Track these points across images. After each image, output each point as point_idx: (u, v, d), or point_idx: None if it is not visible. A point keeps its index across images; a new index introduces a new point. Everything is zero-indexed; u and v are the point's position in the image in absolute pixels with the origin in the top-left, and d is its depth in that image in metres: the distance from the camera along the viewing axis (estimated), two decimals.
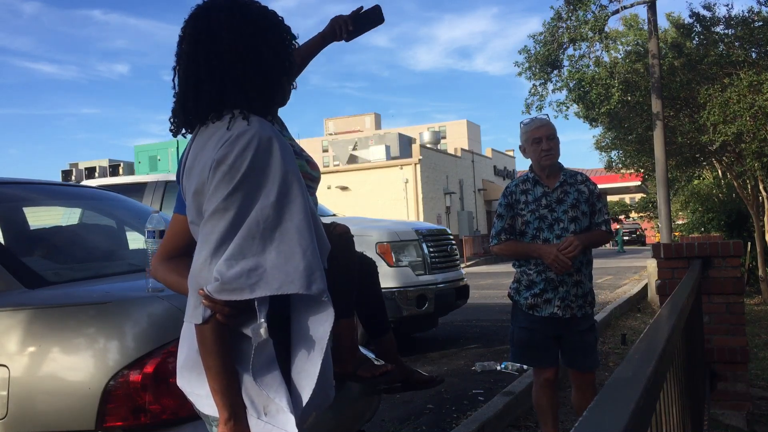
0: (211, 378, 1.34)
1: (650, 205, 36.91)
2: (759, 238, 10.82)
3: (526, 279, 3.20)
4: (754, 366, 5.19)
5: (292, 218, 1.33)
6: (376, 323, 2.55)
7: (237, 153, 1.31)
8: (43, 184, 3.08)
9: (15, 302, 1.89)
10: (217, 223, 1.31)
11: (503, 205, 3.24)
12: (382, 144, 31.43)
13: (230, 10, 1.43)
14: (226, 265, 1.29)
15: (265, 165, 1.33)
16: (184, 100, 1.45)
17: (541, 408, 3.25)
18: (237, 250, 1.29)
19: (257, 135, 1.34)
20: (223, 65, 1.41)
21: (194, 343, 1.44)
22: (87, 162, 22.42)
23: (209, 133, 1.42)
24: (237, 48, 1.41)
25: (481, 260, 26.08)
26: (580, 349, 3.18)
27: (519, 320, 3.25)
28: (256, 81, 1.43)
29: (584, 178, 3.25)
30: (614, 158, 15.30)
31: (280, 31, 1.48)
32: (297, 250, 1.32)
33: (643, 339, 1.34)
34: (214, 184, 1.32)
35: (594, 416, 0.77)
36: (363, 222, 7.08)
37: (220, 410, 1.35)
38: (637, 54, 12.99)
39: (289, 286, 1.31)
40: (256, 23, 1.44)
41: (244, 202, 1.31)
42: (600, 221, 3.19)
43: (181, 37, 1.47)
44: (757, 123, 9.69)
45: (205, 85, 1.41)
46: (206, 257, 1.31)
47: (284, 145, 1.37)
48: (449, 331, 7.85)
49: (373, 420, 3.53)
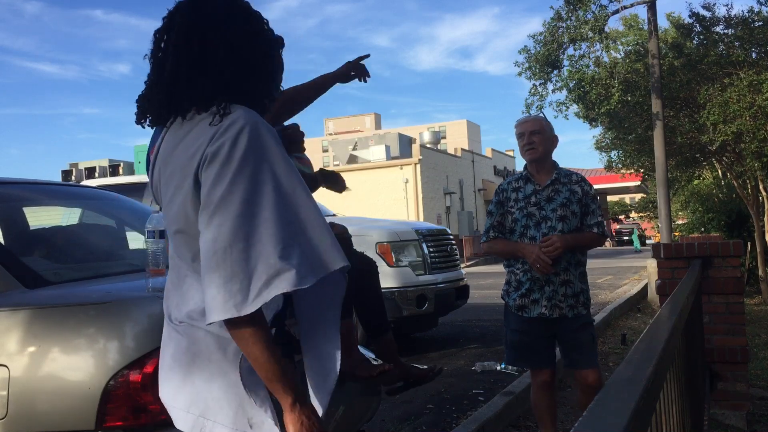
0: (261, 368, 1.29)
1: (650, 205, 36.92)
2: (759, 238, 10.81)
3: (514, 279, 3.20)
4: (754, 366, 5.19)
5: (303, 198, 1.34)
6: (376, 323, 2.55)
7: (230, 143, 1.30)
8: (43, 184, 3.08)
9: (15, 302, 1.89)
10: (228, 211, 1.27)
11: (494, 203, 3.26)
12: (382, 144, 31.45)
13: (225, 4, 1.43)
14: (284, 253, 1.25)
15: (260, 150, 1.32)
16: (172, 89, 1.42)
17: (539, 410, 3.25)
18: (284, 237, 1.27)
19: (247, 122, 1.34)
20: (216, 59, 1.39)
21: (177, 352, 1.42)
22: (87, 162, 22.43)
23: (189, 126, 1.40)
24: (231, 42, 1.40)
25: (481, 260, 26.07)
26: (576, 347, 3.15)
27: (510, 322, 3.25)
28: (247, 76, 1.43)
29: (579, 178, 3.23)
30: (614, 158, 15.28)
31: (268, 31, 1.49)
32: (324, 229, 1.33)
33: (643, 339, 1.34)
34: (212, 176, 1.30)
35: (594, 416, 0.77)
36: (363, 222, 7.07)
37: (283, 397, 1.30)
38: (637, 54, 12.98)
39: (330, 265, 1.31)
40: (248, 21, 1.45)
41: (250, 188, 1.29)
42: (592, 223, 3.16)
43: (165, 27, 1.45)
44: (756, 123, 9.69)
45: (199, 77, 1.39)
46: (226, 246, 1.26)
47: (270, 129, 1.37)
48: (449, 331, 7.85)
49: (373, 420, 3.53)
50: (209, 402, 1.38)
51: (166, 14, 1.47)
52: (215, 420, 1.37)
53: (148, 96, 1.46)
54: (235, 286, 1.24)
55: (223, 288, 1.24)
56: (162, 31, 1.45)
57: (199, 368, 1.40)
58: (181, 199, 1.38)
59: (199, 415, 1.39)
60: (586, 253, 3.27)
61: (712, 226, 12.28)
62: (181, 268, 1.45)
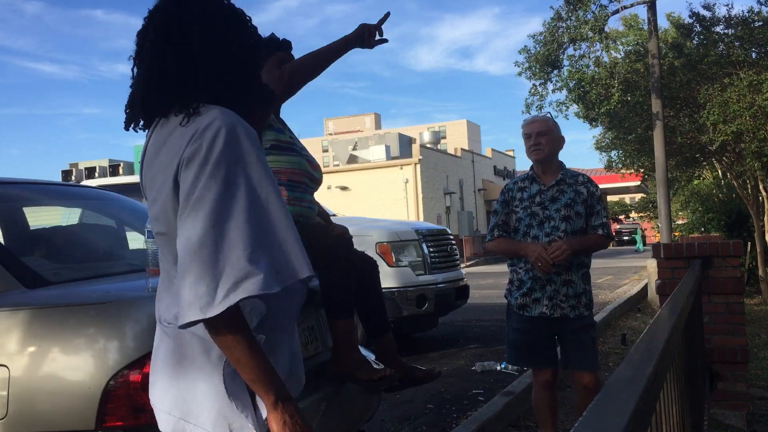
0: (244, 370, 1.28)
1: (650, 205, 36.88)
2: (759, 238, 10.82)
3: (516, 278, 3.22)
4: (754, 366, 5.19)
5: (275, 204, 1.32)
6: (376, 323, 2.55)
7: (207, 145, 1.29)
8: (43, 184, 3.08)
9: (15, 302, 1.89)
10: (200, 212, 1.26)
11: (500, 202, 3.29)
12: (382, 144, 31.46)
13: (205, 2, 1.42)
14: (253, 257, 1.24)
15: (236, 153, 1.31)
16: (148, 90, 1.40)
17: (540, 410, 3.25)
18: (254, 242, 1.26)
19: (223, 124, 1.32)
20: (192, 57, 1.38)
21: (165, 353, 1.42)
22: (87, 162, 22.43)
23: (171, 127, 1.39)
24: (207, 40, 1.39)
25: (481, 260, 26.07)
26: (575, 349, 3.15)
27: (512, 321, 3.26)
28: (224, 74, 1.41)
29: (585, 179, 3.24)
30: (614, 158, 15.28)
31: (248, 28, 1.47)
32: (294, 237, 1.32)
33: (643, 339, 1.34)
34: (190, 178, 1.29)
35: (594, 416, 0.77)
36: (363, 222, 7.08)
37: (265, 396, 1.29)
38: (637, 54, 12.98)
39: (297, 273, 1.30)
40: (227, 18, 1.43)
41: (223, 190, 1.27)
42: (597, 224, 3.15)
43: (145, 27, 1.44)
44: (756, 123, 9.69)
45: (172, 76, 1.38)
46: (196, 248, 1.25)
47: (249, 130, 1.35)
48: (449, 331, 7.85)
49: (373, 420, 3.53)
50: (191, 405, 1.38)
51: (146, 14, 1.45)
52: (195, 423, 1.37)
53: (131, 98, 1.45)
54: (202, 288, 1.22)
55: (192, 289, 1.23)
56: (142, 31, 1.44)
57: (183, 371, 1.39)
58: (162, 200, 1.37)
59: (180, 417, 1.39)
60: (591, 255, 3.27)
61: (712, 226, 12.28)
62: (169, 271, 1.44)
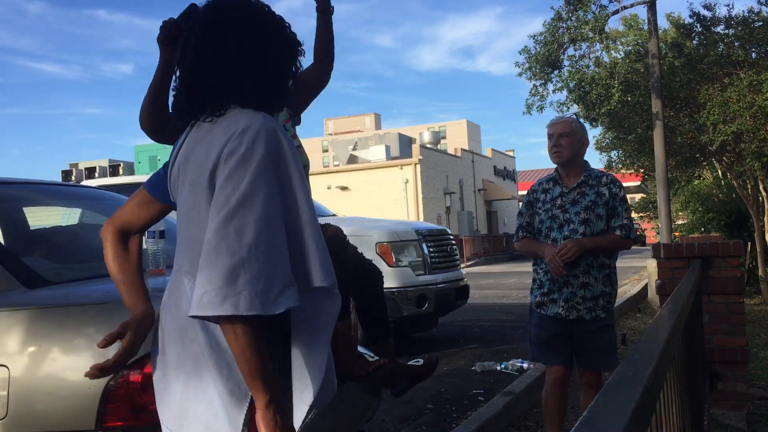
0: (246, 362, 1.30)
1: (650, 205, 36.88)
2: (759, 238, 10.82)
3: (537, 279, 3.26)
4: (754, 366, 5.19)
5: (307, 209, 1.40)
6: (377, 328, 2.57)
7: (248, 144, 1.33)
8: (43, 184, 3.08)
9: (15, 302, 1.89)
10: (250, 211, 1.29)
11: (524, 203, 3.33)
12: (382, 144, 31.44)
13: (241, 9, 1.46)
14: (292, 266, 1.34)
15: (278, 155, 1.36)
16: (189, 101, 1.46)
17: (548, 409, 3.25)
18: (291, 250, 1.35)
19: (264, 126, 1.36)
20: (230, 63, 1.43)
21: (170, 358, 1.44)
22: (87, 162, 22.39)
23: (208, 127, 1.43)
24: (245, 47, 1.43)
25: (481, 260, 26.08)
26: (590, 350, 3.16)
27: (532, 318, 3.29)
28: (261, 81, 1.45)
29: (609, 179, 3.16)
30: (614, 158, 15.28)
31: (287, 36, 1.51)
32: (321, 242, 1.40)
33: (643, 339, 1.34)
34: (225, 174, 1.32)
35: (594, 416, 0.77)
36: (363, 222, 7.08)
37: (260, 395, 1.31)
38: (637, 54, 12.98)
39: (327, 277, 1.40)
40: (266, 25, 1.47)
41: (270, 190, 1.32)
42: (616, 225, 3.09)
43: (188, 32, 1.49)
44: (756, 123, 9.69)
45: (210, 89, 1.43)
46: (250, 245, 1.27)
47: (287, 137, 1.40)
48: (449, 331, 7.85)
49: (373, 420, 3.53)
50: (181, 415, 1.42)
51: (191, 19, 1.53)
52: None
53: (177, 107, 1.51)
54: (260, 286, 1.26)
55: (251, 285, 1.25)
56: (186, 37, 1.49)
57: (184, 380, 1.43)
58: (195, 197, 1.41)
59: (172, 428, 1.44)
60: (614, 256, 3.21)
61: (712, 226, 12.28)
62: (183, 267, 1.47)
